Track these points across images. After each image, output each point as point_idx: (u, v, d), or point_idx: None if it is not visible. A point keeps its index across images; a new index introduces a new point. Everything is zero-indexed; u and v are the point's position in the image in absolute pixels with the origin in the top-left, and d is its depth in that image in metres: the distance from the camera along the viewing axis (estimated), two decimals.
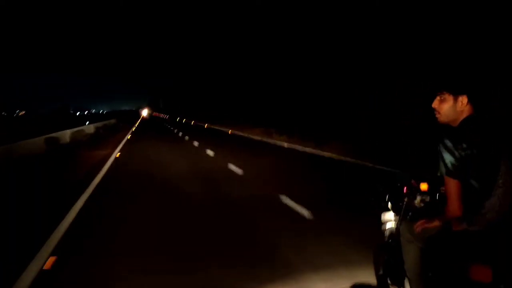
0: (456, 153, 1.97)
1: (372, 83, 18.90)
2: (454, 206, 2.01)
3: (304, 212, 5.84)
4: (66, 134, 18.93)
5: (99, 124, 30.46)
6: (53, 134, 17.10)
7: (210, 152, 14.51)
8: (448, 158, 2.00)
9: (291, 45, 28.27)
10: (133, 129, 35.52)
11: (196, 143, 18.68)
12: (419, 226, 2.14)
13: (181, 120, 65.80)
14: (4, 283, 3.54)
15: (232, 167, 10.52)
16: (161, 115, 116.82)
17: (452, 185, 2.01)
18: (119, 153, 14.46)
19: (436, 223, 2.07)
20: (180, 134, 27.74)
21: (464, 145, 1.96)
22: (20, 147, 12.99)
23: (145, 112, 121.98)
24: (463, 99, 2.10)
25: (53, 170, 10.56)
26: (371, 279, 3.02)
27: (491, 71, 12.33)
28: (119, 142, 19.34)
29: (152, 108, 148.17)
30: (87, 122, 37.57)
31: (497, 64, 12.80)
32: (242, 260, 4.07)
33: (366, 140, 16.11)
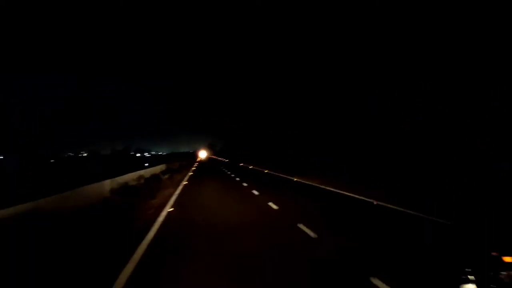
0: None
1: (372, 83, 18.89)
2: None
3: None
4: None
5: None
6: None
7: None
8: None
9: (290, 45, 28.20)
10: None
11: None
12: None
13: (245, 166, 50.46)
14: None
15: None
16: (219, 158, 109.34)
17: None
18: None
19: None
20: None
21: None
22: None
23: (203, 154, 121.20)
24: None
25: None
26: None
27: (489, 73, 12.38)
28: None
29: (210, 149, 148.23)
30: (146, 164, 40.32)
31: (496, 64, 12.79)
32: None
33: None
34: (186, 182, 22.30)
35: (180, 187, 19.21)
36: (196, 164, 58.06)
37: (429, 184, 12.98)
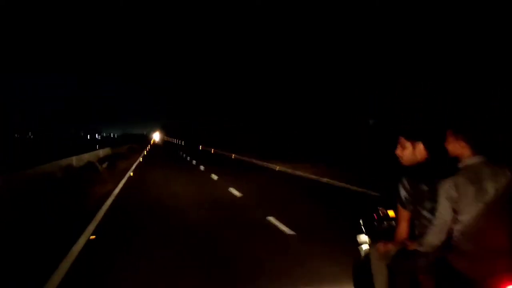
0: (410, 190, 2.51)
1: (372, 83, 18.92)
2: (401, 230, 2.58)
3: None
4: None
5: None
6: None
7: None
8: (402, 193, 2.53)
9: (289, 45, 28.26)
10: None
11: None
12: (379, 247, 2.72)
13: (199, 148, 52.62)
14: None
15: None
16: (175, 140, 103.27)
17: (402, 214, 2.56)
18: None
19: (391, 245, 2.63)
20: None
21: (417, 183, 2.50)
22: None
23: (156, 137, 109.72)
24: (419, 146, 2.61)
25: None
26: None
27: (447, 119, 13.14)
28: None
29: (165, 132, 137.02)
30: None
31: (496, 64, 12.80)
32: None
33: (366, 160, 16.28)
34: (132, 174, 16.80)
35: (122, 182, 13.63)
36: (148, 148, 53.50)
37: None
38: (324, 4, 22.98)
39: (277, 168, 19.47)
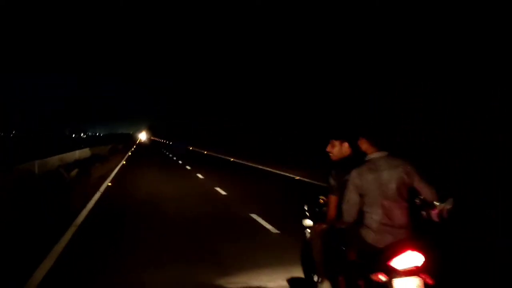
0: (336, 179, 3.26)
1: (372, 83, 18.88)
2: (330, 212, 3.31)
3: None
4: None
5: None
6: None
7: None
8: (331, 182, 3.31)
9: (289, 45, 28.24)
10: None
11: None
12: (316, 227, 3.52)
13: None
14: None
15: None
16: (162, 140, 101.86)
17: (331, 200, 3.31)
18: None
19: (324, 225, 3.39)
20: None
21: (342, 174, 3.16)
22: None
23: (143, 136, 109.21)
24: (345, 145, 3.42)
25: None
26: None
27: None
28: None
29: (151, 132, 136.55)
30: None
31: (496, 64, 12.79)
32: None
33: None
34: (110, 184, 14.03)
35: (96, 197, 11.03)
36: (134, 148, 51.05)
37: None
38: (324, 4, 22.97)
39: (297, 177, 16.47)
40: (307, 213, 3.89)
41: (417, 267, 2.82)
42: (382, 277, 2.80)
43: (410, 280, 2.78)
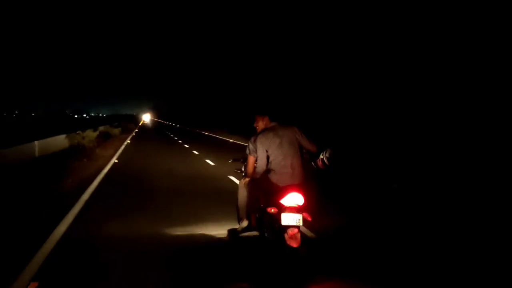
0: (253, 144, 4.33)
1: (372, 83, 18.88)
2: (250, 169, 4.44)
3: None
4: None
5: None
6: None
7: None
8: (249, 146, 4.39)
9: (288, 46, 28.30)
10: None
11: None
12: (242, 180, 4.67)
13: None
14: None
15: None
16: (167, 123, 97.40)
17: (250, 160, 4.43)
18: None
19: (247, 178, 4.55)
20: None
21: (260, 139, 4.26)
22: None
23: (146, 118, 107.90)
24: (265, 118, 4.45)
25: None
26: None
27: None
28: None
29: (155, 113, 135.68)
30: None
31: (496, 64, 12.76)
32: None
33: None
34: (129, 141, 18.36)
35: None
36: (137, 130, 46.75)
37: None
38: (324, 3, 22.92)
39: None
40: (236, 171, 5.48)
41: (299, 205, 3.88)
42: (273, 210, 3.90)
43: (293, 215, 3.82)
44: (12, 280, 3.51)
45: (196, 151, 17.63)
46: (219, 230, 5.08)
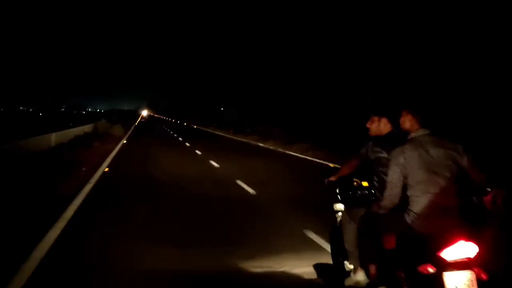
0: (370, 150, 3.18)
1: (372, 83, 18.92)
2: (350, 165, 3.47)
3: None
4: None
5: None
6: None
7: None
8: (362, 150, 3.26)
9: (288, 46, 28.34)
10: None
11: None
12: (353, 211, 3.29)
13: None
14: None
15: None
16: (163, 117, 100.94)
17: (354, 158, 3.42)
18: None
19: (377, 208, 2.93)
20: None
21: (379, 149, 3.09)
22: None
23: (145, 113, 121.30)
24: (384, 121, 3.19)
25: None
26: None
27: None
28: None
29: (152, 109, 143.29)
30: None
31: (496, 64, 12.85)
32: None
33: None
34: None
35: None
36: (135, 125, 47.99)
37: None
38: (324, 3, 22.94)
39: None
40: (339, 197, 3.55)
41: (469, 259, 2.48)
42: (431, 269, 2.46)
43: (462, 274, 2.44)
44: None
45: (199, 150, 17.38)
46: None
